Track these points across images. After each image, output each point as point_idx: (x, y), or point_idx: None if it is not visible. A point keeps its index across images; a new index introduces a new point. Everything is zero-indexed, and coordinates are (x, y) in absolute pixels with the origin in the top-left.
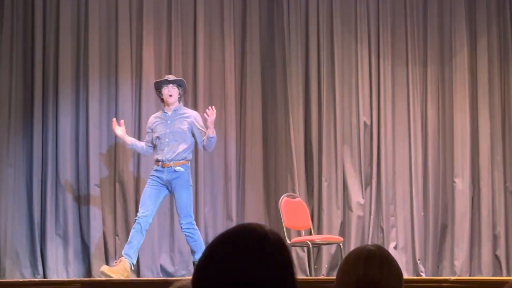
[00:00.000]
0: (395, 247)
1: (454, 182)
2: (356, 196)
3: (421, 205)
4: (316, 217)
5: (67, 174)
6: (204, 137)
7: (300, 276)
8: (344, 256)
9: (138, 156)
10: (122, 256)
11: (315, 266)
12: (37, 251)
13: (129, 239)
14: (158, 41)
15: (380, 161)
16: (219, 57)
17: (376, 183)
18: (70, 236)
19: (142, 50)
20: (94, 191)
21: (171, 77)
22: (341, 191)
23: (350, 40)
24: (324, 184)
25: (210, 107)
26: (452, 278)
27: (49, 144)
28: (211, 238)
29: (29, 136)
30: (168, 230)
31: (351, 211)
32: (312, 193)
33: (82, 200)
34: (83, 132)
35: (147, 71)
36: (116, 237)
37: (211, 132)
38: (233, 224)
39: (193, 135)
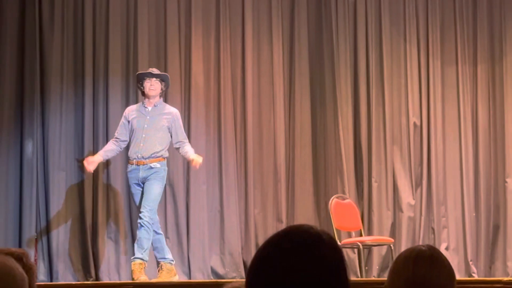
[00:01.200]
0: (447, 248)
1: (506, 182)
2: (407, 197)
3: (472, 206)
4: (366, 218)
5: (117, 178)
6: (181, 142)
7: (351, 277)
8: (395, 257)
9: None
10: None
11: (366, 268)
12: (89, 254)
13: (138, 243)
14: (207, 43)
15: (431, 161)
16: (268, 59)
17: (427, 183)
18: (122, 239)
19: (191, 52)
20: None
21: (155, 71)
22: (391, 192)
23: (398, 40)
24: (374, 185)
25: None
26: (505, 279)
27: (100, 148)
28: (261, 240)
29: (80, 140)
30: (218, 233)
31: (402, 212)
32: (362, 194)
33: (133, 203)
34: None
35: (196, 73)
36: (167, 239)
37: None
38: (283, 226)
39: (170, 134)
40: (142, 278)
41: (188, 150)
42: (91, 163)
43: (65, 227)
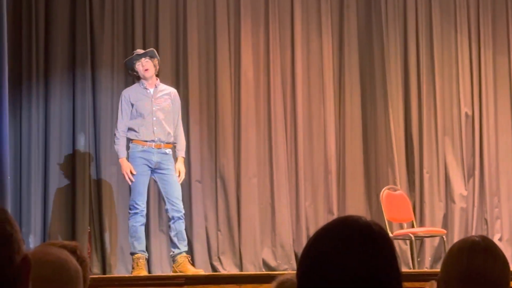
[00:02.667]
0: (500, 239)
1: None
2: (459, 188)
3: None
4: (418, 209)
5: None
6: (177, 134)
7: (403, 269)
8: (447, 248)
9: (238, 152)
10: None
11: (418, 259)
12: None
13: (136, 234)
14: (256, 36)
15: (483, 152)
16: (317, 52)
17: (479, 174)
18: None
19: (240, 45)
20: (196, 187)
21: (140, 51)
22: (443, 183)
23: (449, 30)
24: (426, 176)
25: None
26: None
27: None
28: (312, 232)
29: None
30: (270, 225)
31: (454, 203)
32: (414, 186)
33: (184, 196)
34: (184, 129)
35: (245, 66)
36: (219, 232)
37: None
38: (334, 218)
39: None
40: (193, 270)
41: (178, 154)
42: (130, 170)
43: (118, 220)
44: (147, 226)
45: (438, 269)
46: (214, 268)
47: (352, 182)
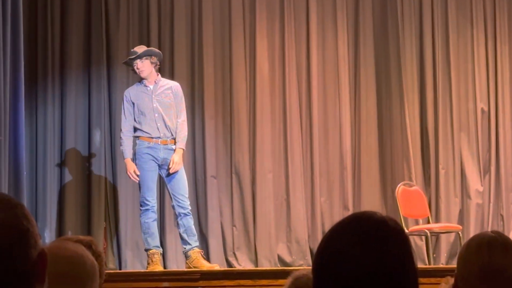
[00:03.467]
0: None
1: None
2: (475, 183)
3: None
4: (434, 205)
5: (184, 165)
6: (180, 126)
7: (419, 265)
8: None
9: (253, 147)
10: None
11: (434, 255)
12: None
13: (149, 231)
14: (271, 32)
15: (499, 147)
16: (332, 47)
17: (495, 170)
18: None
19: (255, 40)
20: (211, 182)
21: (132, 54)
22: (458, 179)
23: (465, 25)
24: (442, 172)
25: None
26: None
27: None
28: (327, 228)
29: None
30: (285, 221)
31: (470, 199)
32: (429, 181)
33: (199, 191)
34: (199, 125)
35: (260, 61)
36: (234, 228)
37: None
38: (350, 213)
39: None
40: (207, 265)
41: (177, 145)
42: (133, 170)
43: (133, 215)
44: (161, 221)
45: (454, 265)
46: (229, 264)
47: (367, 178)
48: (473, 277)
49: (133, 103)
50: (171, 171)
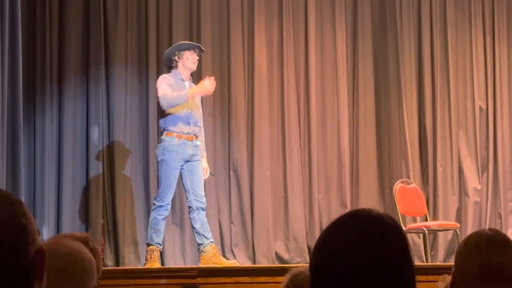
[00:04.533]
0: None
1: None
2: (473, 181)
3: None
4: (432, 203)
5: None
6: (201, 127)
7: (416, 262)
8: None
9: (251, 145)
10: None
11: (432, 253)
12: None
13: (156, 227)
14: (270, 30)
15: (497, 145)
16: (331, 45)
17: (493, 168)
18: (187, 224)
19: (254, 39)
20: (209, 179)
21: (199, 46)
22: (456, 177)
23: (464, 22)
24: (439, 170)
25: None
26: None
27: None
28: (325, 225)
29: (145, 126)
30: (283, 218)
31: (468, 196)
32: (427, 179)
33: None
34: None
35: (259, 60)
36: (231, 225)
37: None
38: (348, 211)
39: None
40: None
41: (202, 153)
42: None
43: (131, 212)
44: None
45: (451, 262)
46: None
47: (365, 175)
48: (471, 275)
49: (173, 88)
50: (204, 178)
